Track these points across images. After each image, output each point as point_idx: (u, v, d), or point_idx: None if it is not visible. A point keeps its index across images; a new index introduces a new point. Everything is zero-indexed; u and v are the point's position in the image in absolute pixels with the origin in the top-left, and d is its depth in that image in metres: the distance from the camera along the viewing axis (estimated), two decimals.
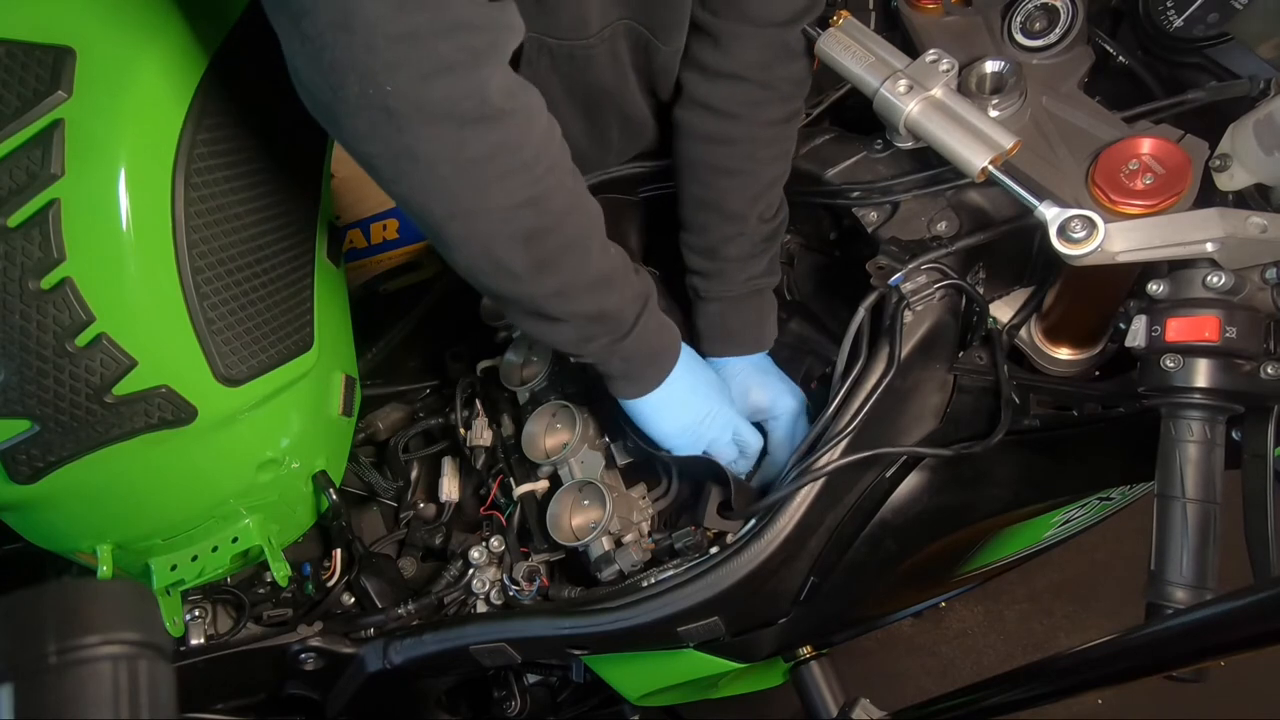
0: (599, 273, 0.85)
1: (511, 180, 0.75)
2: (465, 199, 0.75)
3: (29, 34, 0.78)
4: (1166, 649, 0.63)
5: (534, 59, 0.96)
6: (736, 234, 1.01)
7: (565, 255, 0.82)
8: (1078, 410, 0.93)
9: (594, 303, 0.86)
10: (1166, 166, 0.77)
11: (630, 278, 0.90)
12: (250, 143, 0.91)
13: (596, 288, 0.86)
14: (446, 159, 0.72)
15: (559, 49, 0.95)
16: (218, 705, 1.14)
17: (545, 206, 0.78)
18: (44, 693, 0.42)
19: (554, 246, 0.81)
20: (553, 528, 1.04)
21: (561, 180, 0.80)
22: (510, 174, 0.75)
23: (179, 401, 0.88)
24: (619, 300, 0.88)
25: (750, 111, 0.97)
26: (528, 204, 0.77)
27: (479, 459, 1.21)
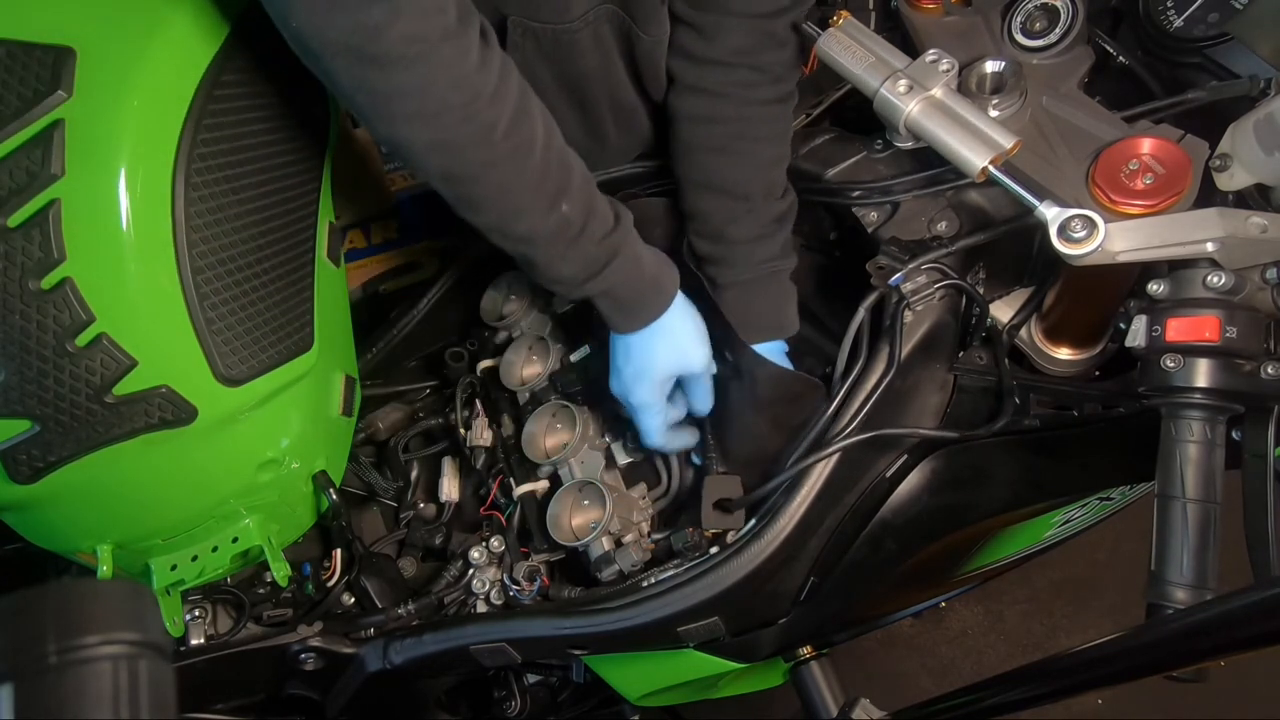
0: (531, 232, 0.87)
1: (416, 124, 0.78)
2: (382, 128, 0.80)
3: (29, 34, 0.77)
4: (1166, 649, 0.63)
5: (519, 43, 0.96)
6: (743, 213, 1.00)
7: (488, 204, 0.85)
8: (1078, 410, 0.93)
9: (528, 252, 0.89)
10: (1167, 166, 0.77)
11: (585, 242, 0.89)
12: (250, 143, 0.91)
13: (532, 243, 0.88)
14: (357, 89, 0.77)
15: (543, 32, 0.96)
16: (218, 705, 1.14)
17: (457, 155, 0.81)
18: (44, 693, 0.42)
19: (473, 194, 0.84)
20: (553, 528, 1.04)
21: (485, 136, 0.80)
22: (414, 117, 0.78)
23: (179, 401, 0.88)
24: (561, 258, 0.90)
25: (742, 92, 0.97)
26: (436, 148, 0.80)
27: (479, 459, 1.21)
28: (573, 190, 0.88)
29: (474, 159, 0.82)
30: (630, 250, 0.93)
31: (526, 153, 0.84)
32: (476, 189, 0.84)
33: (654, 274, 0.96)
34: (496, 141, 0.81)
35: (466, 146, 0.81)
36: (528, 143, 0.84)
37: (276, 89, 0.93)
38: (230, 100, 0.87)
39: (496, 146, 0.81)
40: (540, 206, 0.86)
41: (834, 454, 0.89)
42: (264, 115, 0.92)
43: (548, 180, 0.86)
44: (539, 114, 0.86)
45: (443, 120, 0.79)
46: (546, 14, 0.94)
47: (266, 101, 0.92)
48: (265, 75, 0.91)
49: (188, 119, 0.83)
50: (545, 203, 0.86)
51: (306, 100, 0.98)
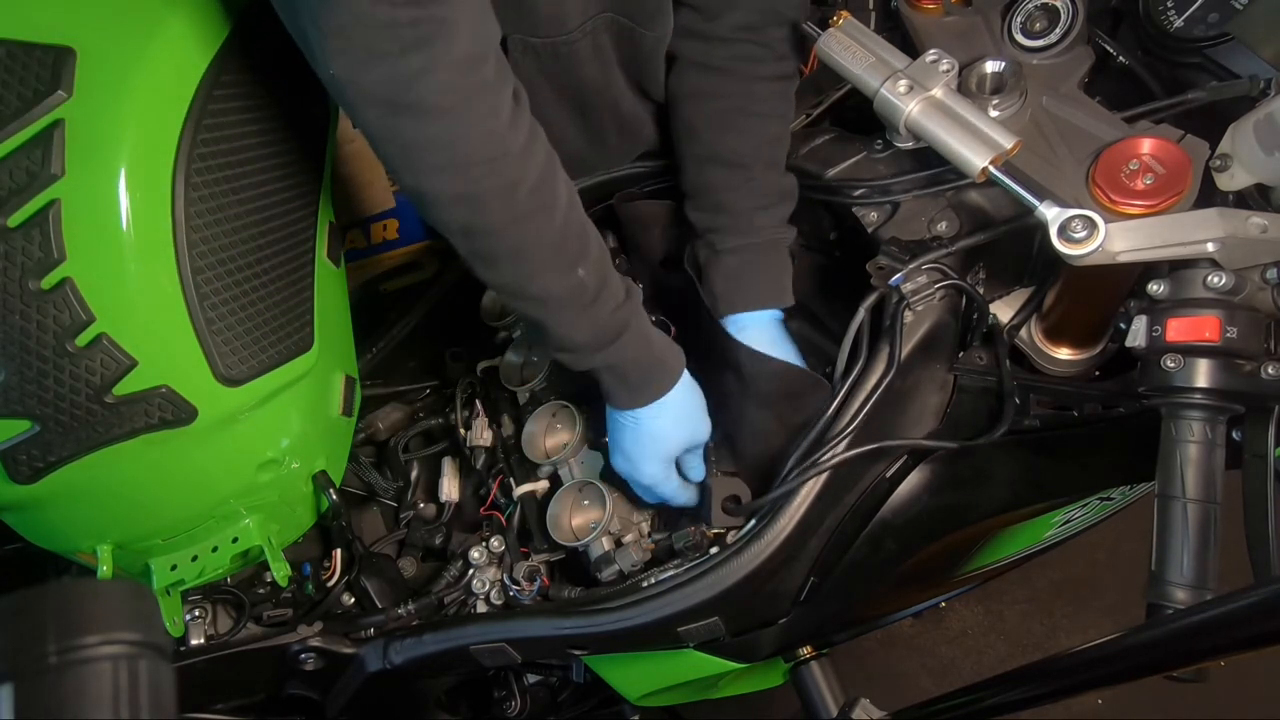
0: (545, 293, 0.87)
1: (445, 175, 0.79)
2: (408, 177, 0.80)
3: (29, 34, 0.78)
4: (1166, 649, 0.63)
5: (520, 61, 0.97)
6: (743, 182, 1.01)
7: (506, 261, 0.85)
8: (1078, 410, 0.93)
9: (540, 315, 0.89)
10: (1167, 166, 0.77)
11: (598, 311, 0.89)
12: (250, 143, 0.91)
13: (544, 305, 0.88)
14: (386, 139, 0.78)
15: (542, 47, 0.96)
16: (218, 705, 1.14)
17: (481, 209, 0.81)
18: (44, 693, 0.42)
19: (492, 249, 0.84)
20: (553, 528, 1.04)
21: (510, 191, 0.81)
22: (442, 169, 0.79)
23: (179, 401, 0.88)
24: (573, 325, 0.89)
25: (745, 67, 0.99)
26: (461, 201, 0.81)
27: (479, 459, 1.21)
28: (590, 257, 0.88)
29: (497, 214, 0.82)
30: (640, 325, 0.94)
31: (549, 213, 0.84)
32: (496, 245, 0.84)
33: (661, 351, 0.96)
34: (521, 198, 0.82)
35: (491, 201, 0.81)
36: (551, 203, 0.84)
37: (276, 89, 0.93)
38: (230, 100, 0.87)
39: (520, 204, 0.82)
40: (557, 268, 0.86)
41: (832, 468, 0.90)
42: (264, 115, 0.92)
43: (567, 243, 0.86)
44: (563, 180, 0.87)
45: (471, 173, 0.79)
46: (545, 29, 0.95)
47: (266, 101, 0.92)
48: (265, 75, 0.91)
49: (188, 119, 0.83)
50: (563, 265, 0.86)
51: (306, 100, 0.98)
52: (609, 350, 0.91)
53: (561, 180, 0.86)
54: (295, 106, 0.96)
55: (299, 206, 1.00)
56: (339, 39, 0.72)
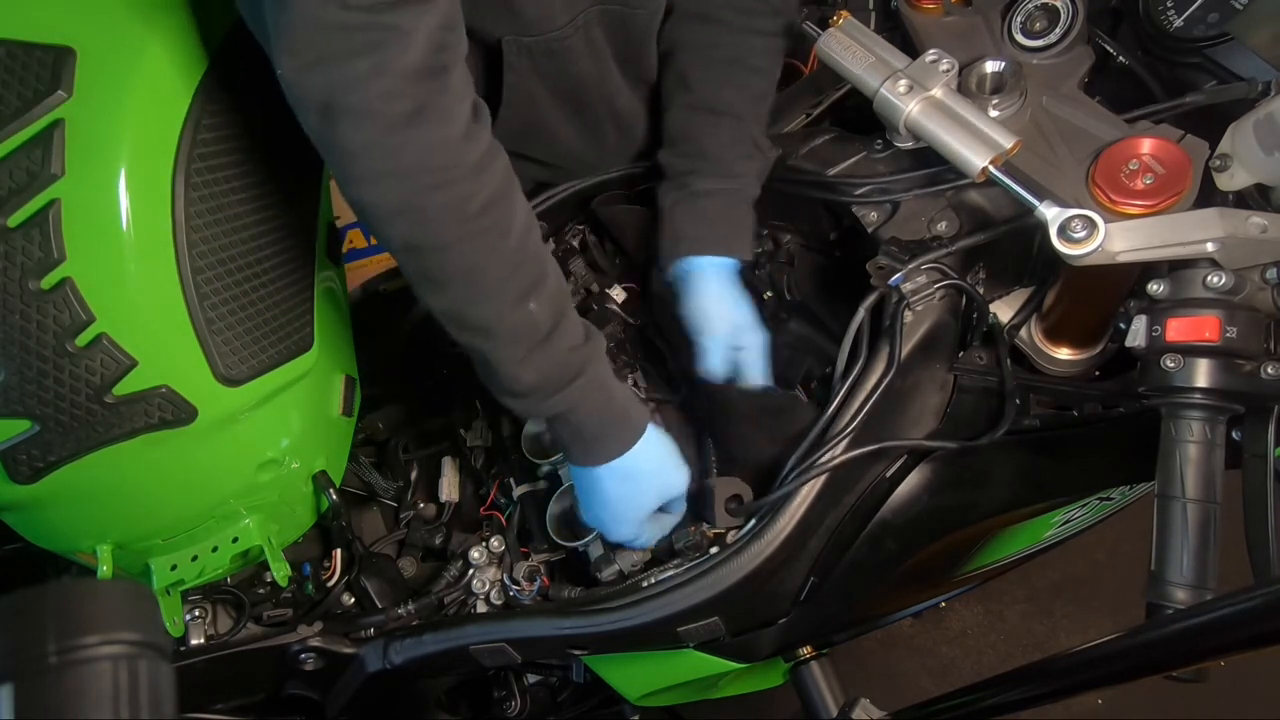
0: (491, 323, 0.82)
1: (385, 184, 0.76)
2: (349, 187, 0.77)
3: (29, 34, 0.78)
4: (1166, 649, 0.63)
5: (515, 63, 0.97)
6: (729, 129, 1.00)
7: (451, 284, 0.81)
8: (1078, 410, 0.93)
9: (485, 347, 0.83)
10: (1167, 166, 0.77)
11: (550, 351, 0.84)
12: (250, 142, 0.91)
13: (490, 337, 0.83)
14: (326, 145, 0.76)
15: (536, 46, 0.96)
16: (218, 705, 1.14)
17: (425, 223, 0.77)
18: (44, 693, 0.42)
19: (437, 268, 0.80)
20: (553, 528, 1.04)
21: (458, 206, 0.77)
22: (383, 176, 0.75)
23: (179, 401, 0.88)
24: (520, 363, 0.84)
25: (742, 19, 1.00)
26: (402, 213, 0.77)
27: (479, 459, 1.21)
28: (545, 290, 0.83)
29: (442, 230, 0.78)
30: (598, 373, 0.87)
31: (501, 235, 0.80)
32: (441, 264, 0.80)
33: (623, 404, 0.90)
34: (470, 216, 0.78)
35: (436, 215, 0.77)
36: (504, 225, 0.80)
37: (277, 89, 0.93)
38: (230, 100, 0.87)
39: (469, 221, 0.78)
40: (506, 297, 0.81)
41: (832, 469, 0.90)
42: (264, 115, 0.92)
43: (519, 271, 0.81)
44: (522, 204, 0.83)
45: (414, 183, 0.75)
46: (535, 27, 0.95)
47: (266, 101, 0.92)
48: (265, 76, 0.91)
49: (188, 119, 0.83)
50: (513, 295, 0.81)
51: None
52: (560, 396, 0.85)
53: (520, 204, 0.82)
54: None
55: (299, 206, 1.00)
56: (287, 38, 0.71)
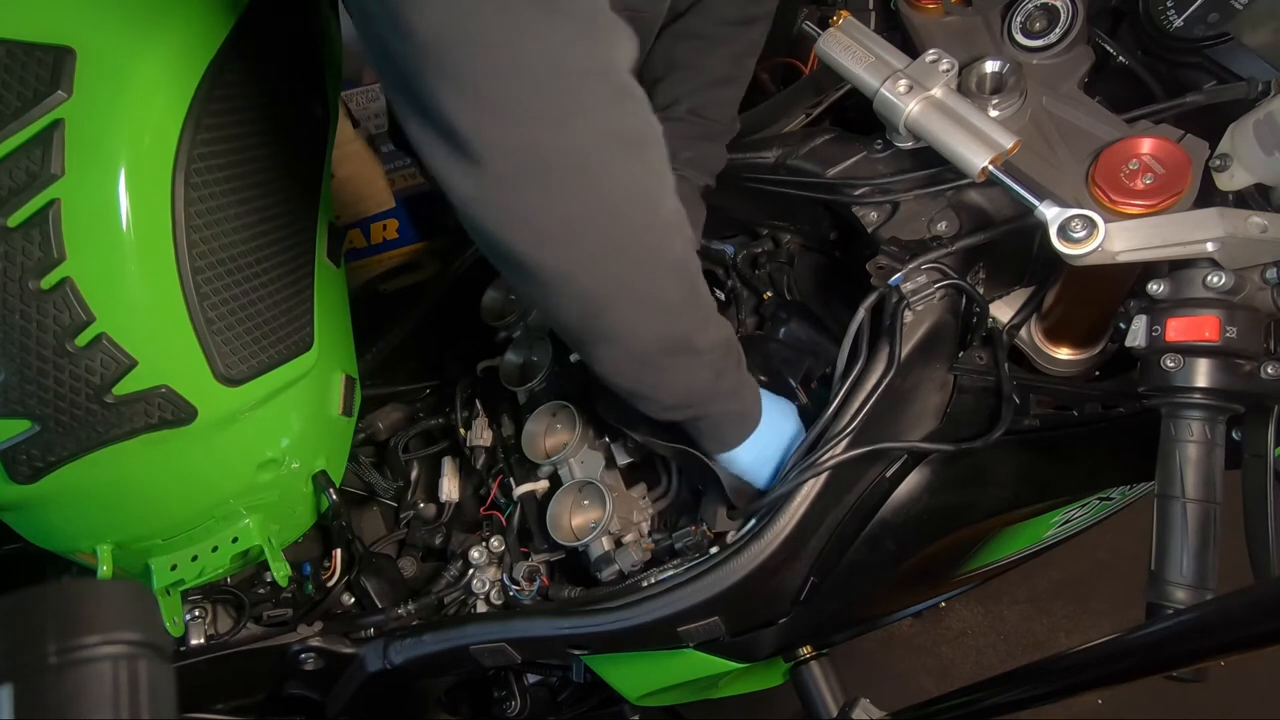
0: (710, 298, 0.83)
1: (669, 202, 0.73)
2: (640, 235, 0.71)
3: (29, 34, 0.77)
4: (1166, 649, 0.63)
5: None
6: (663, 119, 1.01)
7: (699, 279, 0.80)
8: (1078, 410, 0.93)
9: (720, 326, 0.84)
10: (1167, 166, 0.77)
11: (716, 370, 0.86)
12: (250, 143, 0.91)
13: (715, 313, 0.84)
14: (624, 187, 0.68)
15: None
16: (218, 705, 1.14)
17: (686, 229, 0.76)
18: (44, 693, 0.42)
19: (695, 269, 0.79)
20: (553, 528, 1.04)
21: (669, 239, 0.75)
22: (666, 195, 0.72)
23: (179, 401, 0.88)
24: (727, 324, 0.86)
25: (709, 4, 0.99)
26: (677, 227, 0.75)
27: (479, 459, 1.21)
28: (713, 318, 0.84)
29: (688, 232, 0.76)
30: (740, 376, 0.89)
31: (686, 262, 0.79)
32: (695, 263, 0.78)
33: (751, 391, 0.92)
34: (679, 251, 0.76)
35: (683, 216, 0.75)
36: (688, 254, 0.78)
37: (276, 89, 0.93)
38: (230, 100, 0.87)
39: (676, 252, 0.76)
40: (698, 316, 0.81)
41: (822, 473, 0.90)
42: (264, 115, 0.92)
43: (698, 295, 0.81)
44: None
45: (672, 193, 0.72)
46: None
47: (267, 101, 0.92)
48: (265, 75, 0.91)
49: (188, 119, 0.83)
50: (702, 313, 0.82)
51: (306, 100, 0.98)
52: (702, 406, 0.87)
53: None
54: (296, 106, 0.96)
55: (299, 206, 1.00)
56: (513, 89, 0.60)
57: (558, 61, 0.60)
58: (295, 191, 0.99)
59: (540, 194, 0.65)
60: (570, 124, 0.63)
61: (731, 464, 0.95)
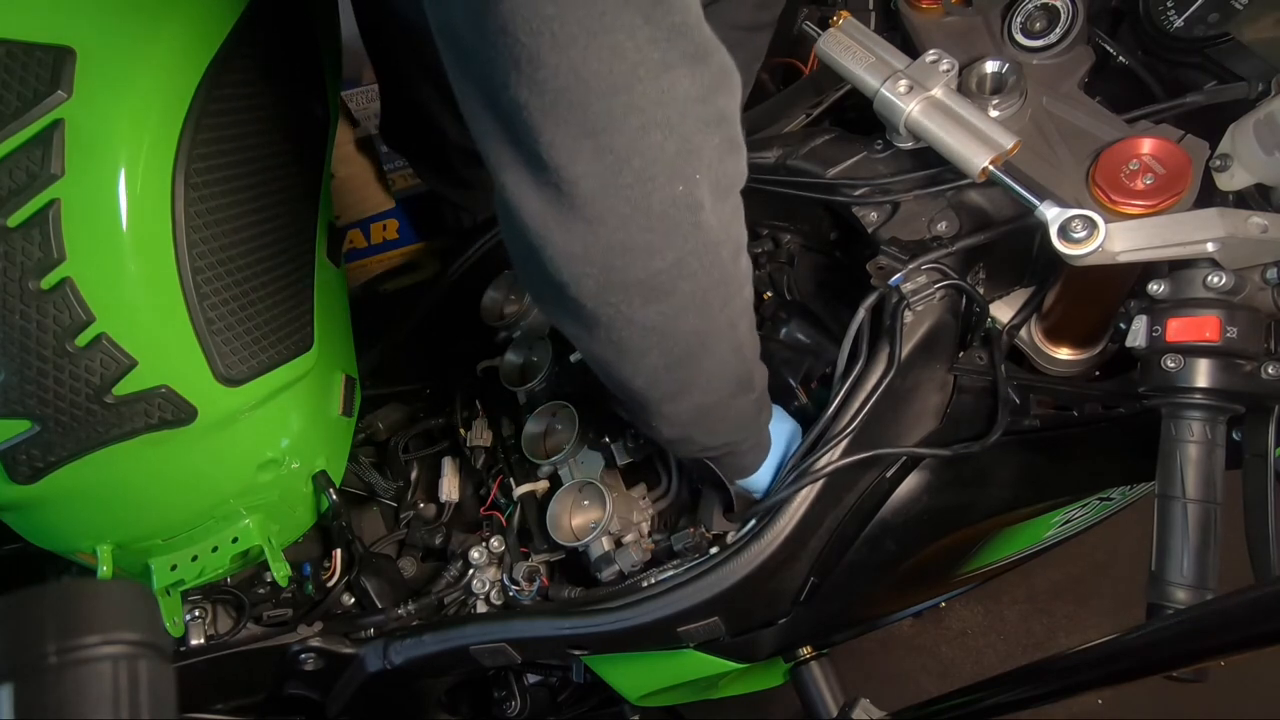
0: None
1: (745, 250, 0.72)
2: (732, 280, 0.71)
3: (29, 34, 0.77)
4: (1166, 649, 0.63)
5: None
6: None
7: (754, 318, 0.80)
8: (1078, 410, 0.93)
9: (761, 361, 0.85)
10: (1167, 166, 0.77)
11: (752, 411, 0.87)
12: (250, 143, 0.91)
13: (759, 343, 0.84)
14: (726, 234, 0.67)
15: None
16: (218, 705, 1.14)
17: (750, 272, 0.75)
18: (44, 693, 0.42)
19: (753, 311, 0.79)
20: (553, 528, 1.04)
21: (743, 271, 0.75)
22: (745, 232, 0.71)
23: (179, 401, 0.88)
24: (714, 432, 0.86)
25: (715, 6, 0.96)
26: (750, 273, 0.74)
27: (479, 459, 1.21)
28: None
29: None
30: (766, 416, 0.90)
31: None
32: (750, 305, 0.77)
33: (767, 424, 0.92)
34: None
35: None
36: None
37: (276, 89, 0.93)
38: (230, 100, 0.87)
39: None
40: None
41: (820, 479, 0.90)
42: (264, 115, 0.92)
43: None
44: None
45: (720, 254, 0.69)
46: None
47: (266, 101, 0.92)
48: (265, 75, 0.91)
49: (188, 119, 0.83)
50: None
51: (306, 100, 0.98)
52: (733, 444, 0.87)
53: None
54: (295, 106, 0.96)
55: (299, 206, 1.00)
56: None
57: (689, 112, 0.58)
58: (295, 191, 0.99)
59: (648, 251, 0.63)
60: (689, 177, 0.61)
61: (753, 483, 0.95)
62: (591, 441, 1.10)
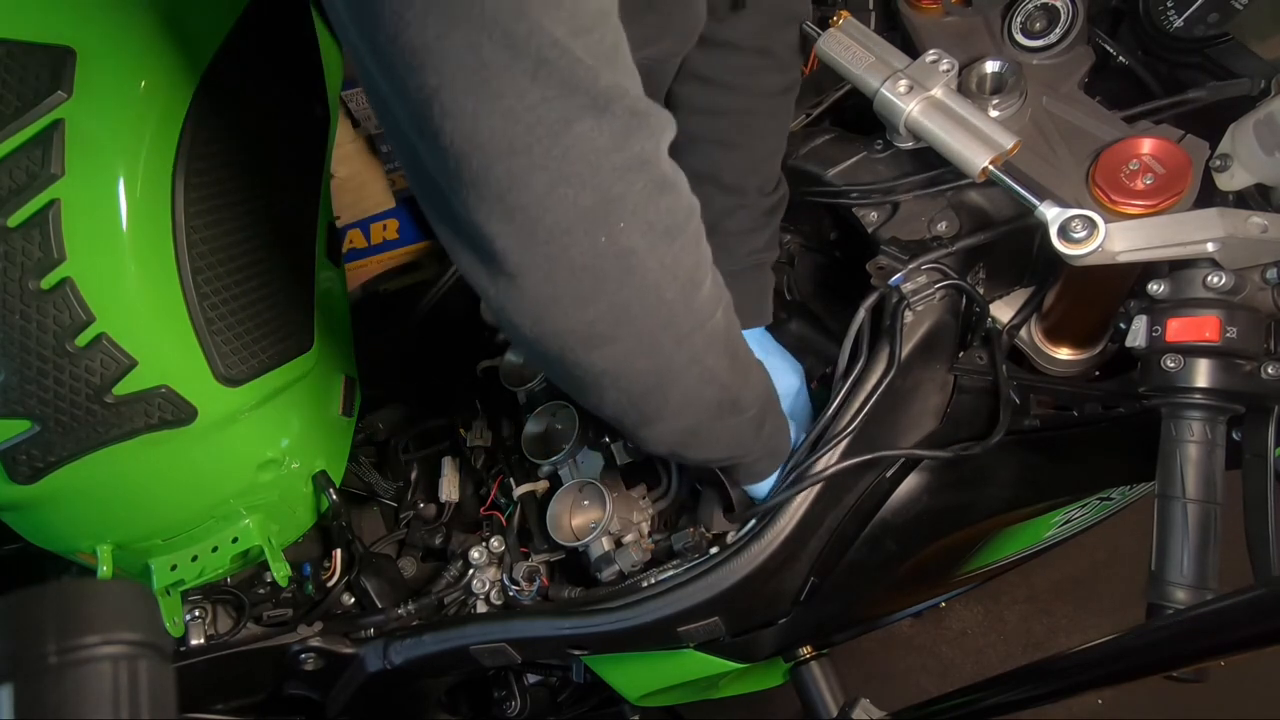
0: (748, 351, 0.83)
1: (707, 276, 0.72)
2: (684, 318, 0.70)
3: (29, 34, 0.78)
4: (1166, 649, 0.63)
5: None
6: (737, 207, 0.99)
7: (740, 340, 0.81)
8: (1078, 410, 0.93)
9: (761, 380, 0.85)
10: (1167, 166, 0.77)
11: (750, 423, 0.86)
12: (250, 143, 0.91)
13: (755, 364, 0.85)
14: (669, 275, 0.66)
15: None
16: (218, 705, 1.14)
17: (724, 295, 0.76)
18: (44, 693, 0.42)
19: (736, 332, 0.79)
20: (553, 528, 1.04)
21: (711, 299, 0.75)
22: (704, 269, 0.72)
23: (179, 401, 0.88)
24: (764, 373, 0.86)
25: (746, 81, 0.96)
26: (716, 298, 0.74)
27: (479, 459, 1.21)
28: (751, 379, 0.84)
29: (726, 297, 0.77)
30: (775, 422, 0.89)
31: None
32: (737, 330, 0.79)
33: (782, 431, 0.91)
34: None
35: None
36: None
37: (276, 89, 0.93)
38: (230, 100, 0.87)
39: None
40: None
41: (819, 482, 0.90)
42: (264, 115, 0.92)
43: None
44: None
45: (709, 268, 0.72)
46: None
47: (266, 101, 0.92)
48: (265, 75, 0.91)
49: (188, 119, 0.83)
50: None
51: (306, 100, 0.98)
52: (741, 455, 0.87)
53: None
54: (296, 106, 0.96)
55: (299, 206, 1.00)
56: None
57: (601, 164, 0.58)
58: (295, 191, 0.99)
59: (578, 302, 0.63)
60: (611, 226, 0.61)
61: (758, 490, 0.95)
62: (591, 441, 1.10)
